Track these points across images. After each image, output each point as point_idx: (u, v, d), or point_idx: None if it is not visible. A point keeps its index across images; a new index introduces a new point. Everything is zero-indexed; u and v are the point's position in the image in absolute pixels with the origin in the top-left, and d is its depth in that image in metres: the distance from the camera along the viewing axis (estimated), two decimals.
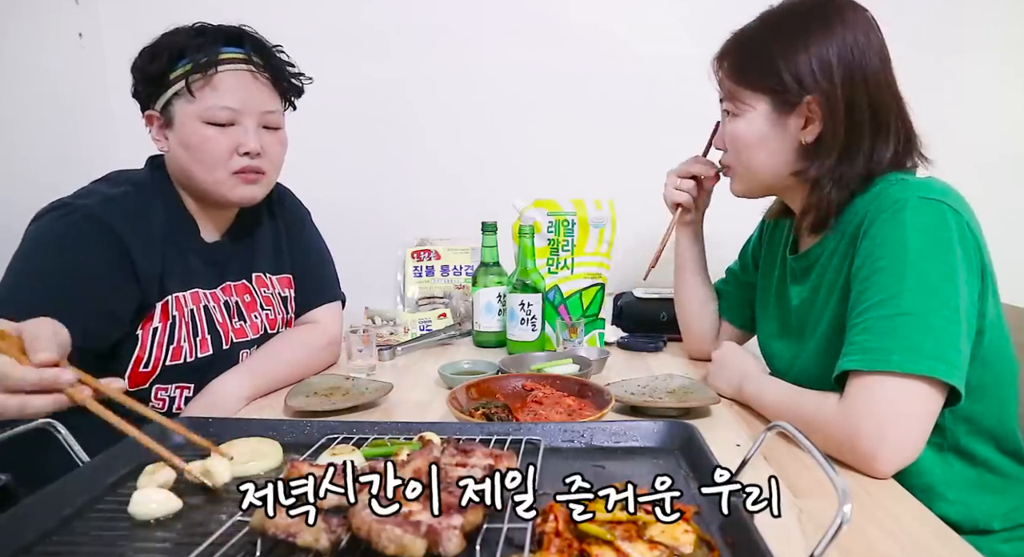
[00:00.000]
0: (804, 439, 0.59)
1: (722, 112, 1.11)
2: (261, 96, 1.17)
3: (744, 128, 1.04)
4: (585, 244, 1.49)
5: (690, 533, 0.53)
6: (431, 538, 0.51)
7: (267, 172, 1.20)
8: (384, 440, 0.80)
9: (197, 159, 1.14)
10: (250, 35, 1.20)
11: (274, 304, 1.33)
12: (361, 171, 1.84)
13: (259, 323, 1.28)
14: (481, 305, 1.47)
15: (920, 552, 0.64)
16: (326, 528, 0.53)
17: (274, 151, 1.20)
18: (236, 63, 1.15)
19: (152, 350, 1.12)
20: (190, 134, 1.13)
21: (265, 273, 1.33)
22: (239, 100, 1.14)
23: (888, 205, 0.91)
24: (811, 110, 0.98)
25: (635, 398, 1.04)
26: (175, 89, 1.12)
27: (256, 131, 1.16)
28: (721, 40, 1.11)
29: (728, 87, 1.06)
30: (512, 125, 1.82)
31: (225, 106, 1.12)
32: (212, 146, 1.13)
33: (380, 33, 1.79)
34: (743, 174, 1.09)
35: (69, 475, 0.69)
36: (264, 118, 1.17)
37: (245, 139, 1.14)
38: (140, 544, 0.60)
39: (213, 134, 1.13)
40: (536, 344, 1.40)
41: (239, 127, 1.14)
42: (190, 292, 1.18)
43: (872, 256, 0.90)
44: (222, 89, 1.13)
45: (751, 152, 1.05)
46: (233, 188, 1.16)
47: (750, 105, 1.02)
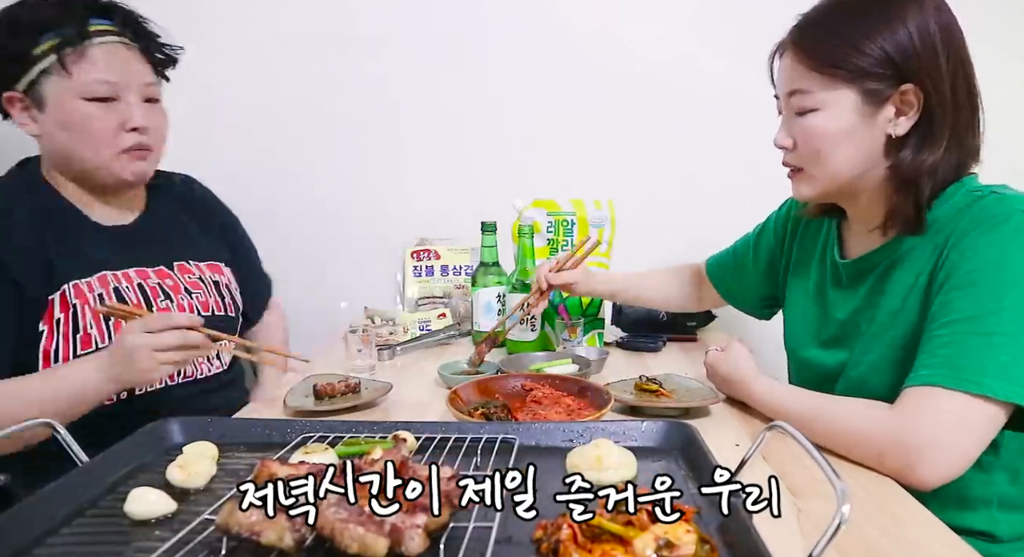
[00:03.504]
0: (804, 439, 0.59)
1: (786, 108, 0.98)
2: (139, 68, 1.11)
3: (826, 123, 0.93)
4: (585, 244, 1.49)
5: (691, 533, 0.54)
6: (394, 537, 0.51)
7: (154, 147, 1.15)
8: (360, 439, 0.80)
9: (80, 139, 1.08)
10: (117, 5, 1.14)
11: (204, 287, 1.27)
12: (361, 171, 1.84)
13: (187, 305, 1.22)
14: (481, 305, 1.47)
15: (919, 552, 0.64)
16: (290, 527, 0.53)
17: (159, 124, 1.15)
18: (108, 35, 1.09)
19: (58, 341, 1.07)
20: (69, 113, 1.06)
21: (188, 260, 1.27)
22: (118, 73, 1.08)
23: (986, 218, 0.86)
24: (905, 100, 0.90)
25: (634, 398, 1.04)
26: (43, 65, 1.05)
27: (140, 105, 1.10)
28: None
29: (802, 80, 0.94)
30: (512, 125, 1.82)
31: (104, 80, 1.06)
32: (97, 124, 1.07)
33: (380, 33, 1.79)
34: (818, 175, 0.97)
35: (69, 475, 0.69)
36: (145, 91, 1.12)
37: (131, 115, 1.09)
38: (140, 544, 0.60)
39: (95, 111, 1.06)
40: (536, 344, 1.40)
41: (121, 102, 1.08)
42: (96, 276, 1.12)
43: (965, 269, 0.85)
44: (99, 63, 1.06)
45: (833, 149, 0.94)
46: (123, 167, 1.11)
47: (833, 97, 0.92)
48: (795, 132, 0.97)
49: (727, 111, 1.74)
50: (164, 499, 0.65)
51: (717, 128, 1.78)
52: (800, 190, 1.02)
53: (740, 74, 1.74)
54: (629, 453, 0.73)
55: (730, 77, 1.70)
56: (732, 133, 1.75)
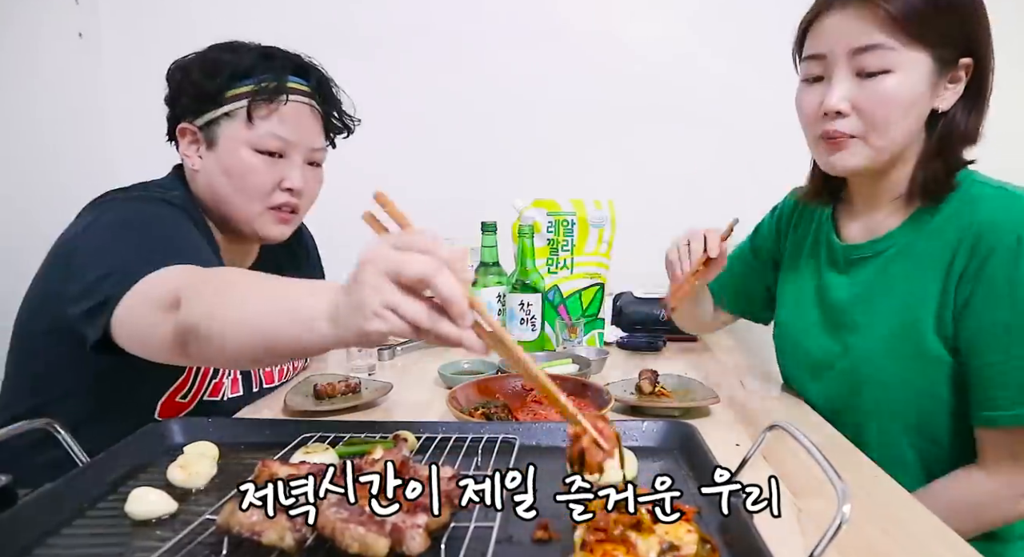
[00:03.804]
0: (804, 439, 0.59)
1: (845, 67, 0.91)
2: (314, 132, 1.13)
3: (900, 86, 0.88)
4: (584, 244, 1.49)
5: (692, 533, 0.54)
6: (395, 537, 0.51)
7: (300, 210, 1.16)
8: (360, 439, 0.80)
9: (237, 187, 1.08)
10: (315, 67, 1.15)
11: None
12: (360, 171, 1.84)
13: (287, 368, 1.24)
14: None
15: (919, 552, 0.64)
16: (291, 526, 0.53)
17: (312, 189, 1.16)
18: (301, 95, 1.10)
19: (195, 381, 1.07)
20: (235, 160, 1.07)
21: None
22: (295, 133, 1.09)
23: (1010, 228, 0.86)
24: (957, 75, 0.90)
25: (634, 398, 1.04)
26: (228, 109, 1.06)
27: (302, 167, 1.11)
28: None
29: (881, 34, 0.87)
30: (512, 125, 1.82)
31: (280, 136, 1.07)
32: (256, 177, 1.07)
33: (380, 33, 1.79)
34: (878, 143, 0.92)
35: (69, 475, 0.69)
36: (311, 155, 1.13)
37: (291, 174, 1.09)
38: (140, 544, 0.60)
39: (259, 164, 1.07)
40: (536, 344, 1.40)
41: (286, 161, 1.09)
42: None
43: (1008, 295, 0.85)
44: (281, 119, 1.07)
45: (903, 117, 0.89)
46: (266, 224, 1.11)
47: (911, 59, 0.87)
48: (859, 95, 0.90)
49: (727, 111, 1.74)
50: (165, 499, 0.65)
51: (717, 128, 1.78)
52: (847, 159, 0.94)
53: (740, 74, 1.74)
54: (629, 453, 0.73)
55: (730, 77, 1.70)
56: (732, 133, 1.75)
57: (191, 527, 0.60)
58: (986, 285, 0.86)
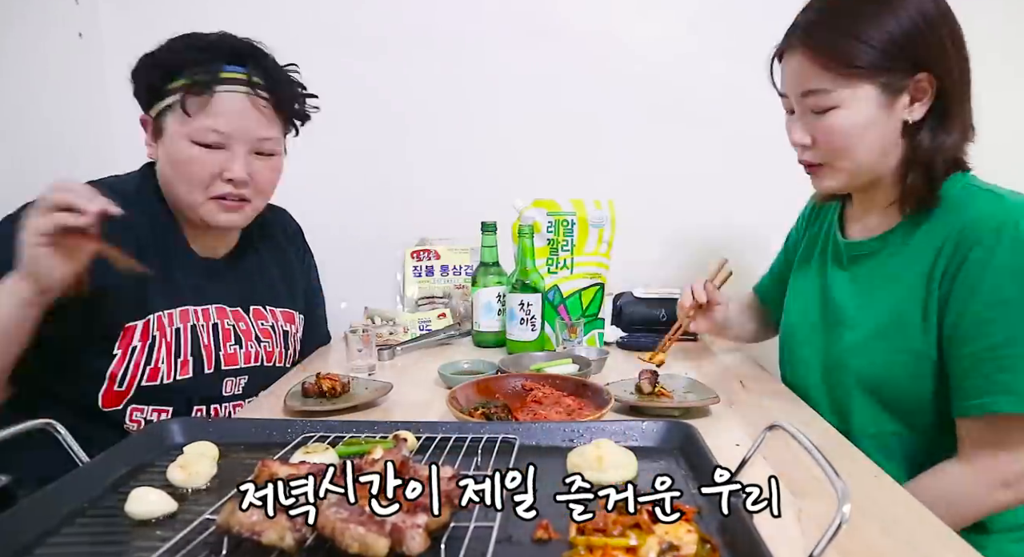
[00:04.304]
0: (804, 439, 0.59)
1: (800, 106, 0.99)
2: (257, 122, 1.11)
3: (847, 119, 0.94)
4: (584, 244, 1.49)
5: (692, 533, 0.54)
6: (395, 537, 0.51)
7: (252, 199, 1.15)
8: (360, 439, 0.80)
9: (178, 177, 1.10)
10: (257, 54, 1.13)
11: (273, 337, 1.28)
12: (361, 171, 1.84)
13: (253, 353, 1.23)
14: (481, 305, 1.47)
15: (919, 552, 0.64)
16: (291, 526, 0.53)
17: (263, 178, 1.15)
18: (235, 84, 1.09)
19: (128, 369, 1.08)
20: (176, 151, 1.09)
21: (264, 306, 1.28)
22: (231, 125, 1.08)
23: (990, 227, 0.89)
24: (919, 88, 0.93)
25: (634, 398, 1.04)
26: (168, 102, 1.08)
27: (246, 158, 1.11)
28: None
29: (817, 80, 0.94)
30: (512, 125, 1.82)
31: (214, 129, 1.07)
32: (195, 168, 1.09)
33: (379, 33, 1.79)
34: (843, 167, 0.99)
35: (69, 475, 0.69)
36: (257, 144, 1.12)
37: (231, 166, 1.09)
38: (140, 543, 0.60)
39: (199, 155, 1.08)
40: (536, 344, 1.40)
41: (228, 151, 1.09)
42: (178, 309, 1.13)
43: (990, 285, 0.88)
44: (216, 112, 1.07)
45: (858, 143, 0.96)
46: (211, 213, 1.12)
47: (852, 94, 0.93)
48: (815, 130, 0.98)
49: (727, 111, 1.74)
50: (165, 499, 0.65)
51: (717, 128, 1.78)
52: (824, 184, 1.03)
53: (740, 74, 1.74)
54: (629, 453, 0.73)
55: (730, 77, 1.70)
56: (732, 133, 1.75)
57: (191, 527, 0.60)
58: (964, 278, 0.90)
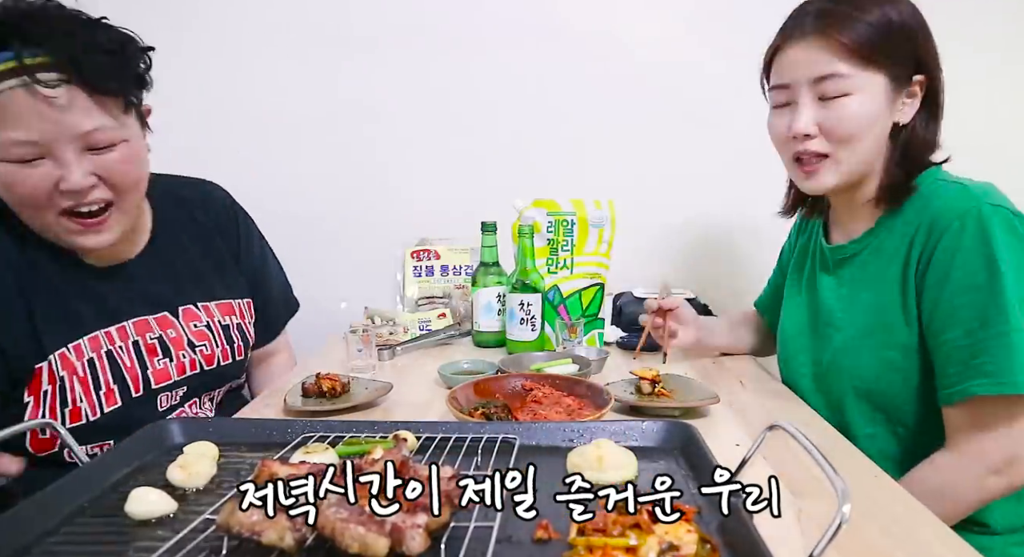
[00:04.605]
0: (804, 439, 0.59)
1: (808, 94, 0.98)
2: (71, 114, 0.86)
3: (860, 107, 0.95)
4: (584, 244, 1.49)
5: (692, 533, 0.54)
6: (395, 537, 0.51)
7: (114, 203, 0.94)
8: (360, 438, 0.80)
9: (14, 202, 0.89)
10: (26, 24, 0.84)
11: (211, 337, 1.14)
12: (361, 171, 1.84)
13: (188, 362, 1.09)
14: (481, 305, 1.47)
15: (919, 552, 0.64)
16: (291, 526, 0.53)
17: (115, 174, 0.92)
18: (7, 78, 0.82)
19: (45, 416, 0.95)
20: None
21: (195, 303, 1.13)
22: (35, 129, 0.84)
23: (956, 214, 0.91)
24: (913, 90, 0.98)
25: (635, 398, 1.04)
26: None
27: (79, 160, 0.88)
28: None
29: (836, 64, 0.94)
30: (512, 125, 1.82)
31: (17, 141, 0.83)
32: (24, 190, 0.87)
33: (380, 33, 1.79)
34: (847, 159, 0.99)
35: (69, 475, 0.69)
36: (86, 140, 0.88)
37: (65, 174, 0.86)
38: (140, 544, 0.60)
39: (19, 173, 0.85)
40: (535, 344, 1.40)
41: (52, 160, 0.87)
42: (87, 338, 0.98)
43: (960, 271, 0.90)
44: (12, 118, 0.83)
45: (867, 133, 0.97)
46: (69, 235, 0.92)
47: (868, 81, 0.95)
48: (824, 117, 0.97)
49: (727, 111, 1.74)
50: (165, 499, 0.65)
51: (717, 128, 1.78)
52: (823, 181, 1.01)
53: (740, 74, 1.74)
54: (629, 453, 0.73)
55: (730, 77, 1.70)
56: (732, 133, 1.75)
57: (191, 527, 0.60)
58: (935, 268, 0.93)
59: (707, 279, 1.78)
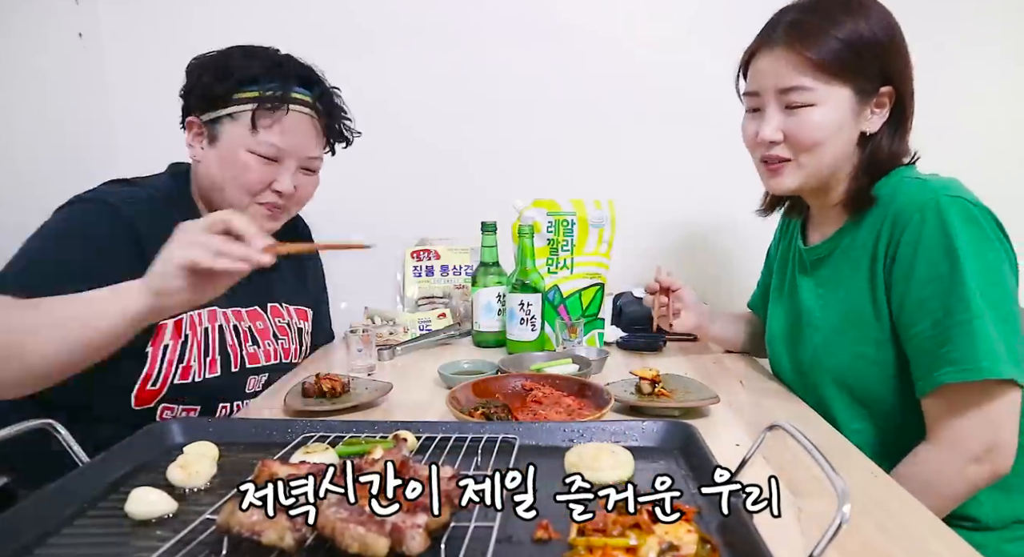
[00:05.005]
0: (804, 439, 0.59)
1: (774, 102, 1.02)
2: (311, 142, 1.19)
3: (824, 117, 0.99)
4: (584, 244, 1.49)
5: (692, 533, 0.54)
6: (395, 537, 0.51)
7: (290, 210, 1.23)
8: (360, 438, 0.80)
9: (231, 182, 1.15)
10: (316, 78, 1.21)
11: (289, 334, 1.32)
12: (361, 171, 1.84)
13: (272, 351, 1.27)
14: (481, 305, 1.47)
15: (919, 552, 0.64)
16: (291, 526, 0.53)
17: (303, 193, 1.22)
18: (303, 106, 1.17)
19: (162, 368, 1.11)
20: (232, 158, 1.13)
21: (281, 303, 1.33)
22: (290, 142, 1.15)
23: (916, 208, 0.93)
24: (881, 101, 0.99)
25: (635, 398, 1.04)
26: (232, 111, 1.13)
27: (294, 173, 1.18)
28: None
29: (801, 76, 0.98)
30: (512, 125, 1.82)
31: (275, 145, 1.14)
32: (250, 176, 1.14)
33: (379, 33, 1.79)
34: (807, 165, 1.03)
35: (69, 475, 0.69)
36: (306, 162, 1.19)
37: (282, 178, 1.16)
38: (140, 543, 0.60)
39: (255, 164, 1.14)
40: (536, 344, 1.40)
41: (280, 165, 1.16)
42: (207, 310, 1.17)
43: (923, 263, 0.91)
44: (282, 129, 1.14)
45: (830, 141, 1.00)
46: (254, 218, 1.15)
47: (832, 93, 0.98)
48: (788, 126, 1.01)
49: (727, 111, 1.73)
50: (165, 499, 0.65)
51: (717, 128, 1.76)
52: (784, 182, 1.06)
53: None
54: (624, 451, 0.73)
55: (730, 77, 1.70)
56: (732, 133, 1.73)
57: (191, 527, 0.60)
58: (900, 262, 0.94)
59: (708, 279, 1.78)
